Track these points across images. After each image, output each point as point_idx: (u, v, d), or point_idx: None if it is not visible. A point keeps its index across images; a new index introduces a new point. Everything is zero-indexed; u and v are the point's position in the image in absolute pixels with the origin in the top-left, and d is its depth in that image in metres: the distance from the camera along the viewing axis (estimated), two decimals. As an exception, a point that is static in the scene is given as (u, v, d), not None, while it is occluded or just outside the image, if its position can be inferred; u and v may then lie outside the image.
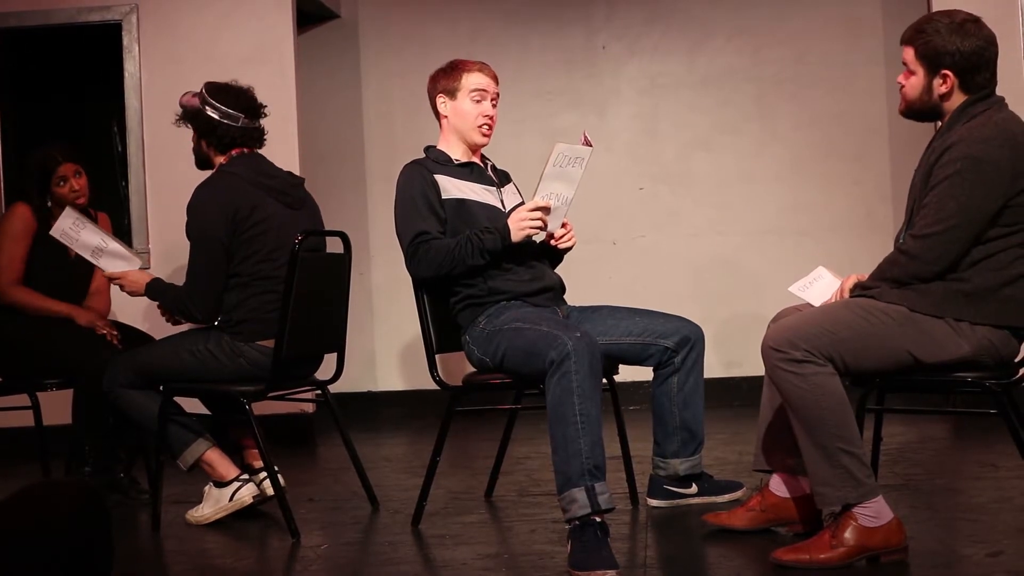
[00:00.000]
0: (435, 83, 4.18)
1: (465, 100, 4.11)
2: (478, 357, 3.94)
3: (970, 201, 3.22)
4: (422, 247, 3.95)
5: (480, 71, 4.13)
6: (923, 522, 3.73)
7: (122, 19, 6.23)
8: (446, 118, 4.16)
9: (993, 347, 3.29)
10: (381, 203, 7.08)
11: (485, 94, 4.11)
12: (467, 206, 4.05)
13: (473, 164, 4.18)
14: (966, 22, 3.34)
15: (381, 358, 7.17)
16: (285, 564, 3.80)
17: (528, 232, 3.88)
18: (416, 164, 4.13)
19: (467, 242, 3.91)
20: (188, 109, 4.34)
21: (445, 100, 4.14)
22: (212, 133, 4.29)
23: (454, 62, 4.19)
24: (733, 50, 7.03)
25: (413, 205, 4.02)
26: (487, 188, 4.15)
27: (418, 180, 4.06)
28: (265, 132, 4.42)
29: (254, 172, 4.26)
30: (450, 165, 4.13)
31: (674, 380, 4.08)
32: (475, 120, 4.11)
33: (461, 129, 4.14)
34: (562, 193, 3.90)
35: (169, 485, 4.51)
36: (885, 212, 6.85)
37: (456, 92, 4.11)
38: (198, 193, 4.23)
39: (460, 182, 4.09)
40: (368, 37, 7.20)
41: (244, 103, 4.33)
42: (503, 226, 3.89)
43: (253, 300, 4.20)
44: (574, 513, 3.39)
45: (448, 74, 4.14)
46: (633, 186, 7.01)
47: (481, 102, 4.11)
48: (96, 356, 4.57)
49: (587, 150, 3.87)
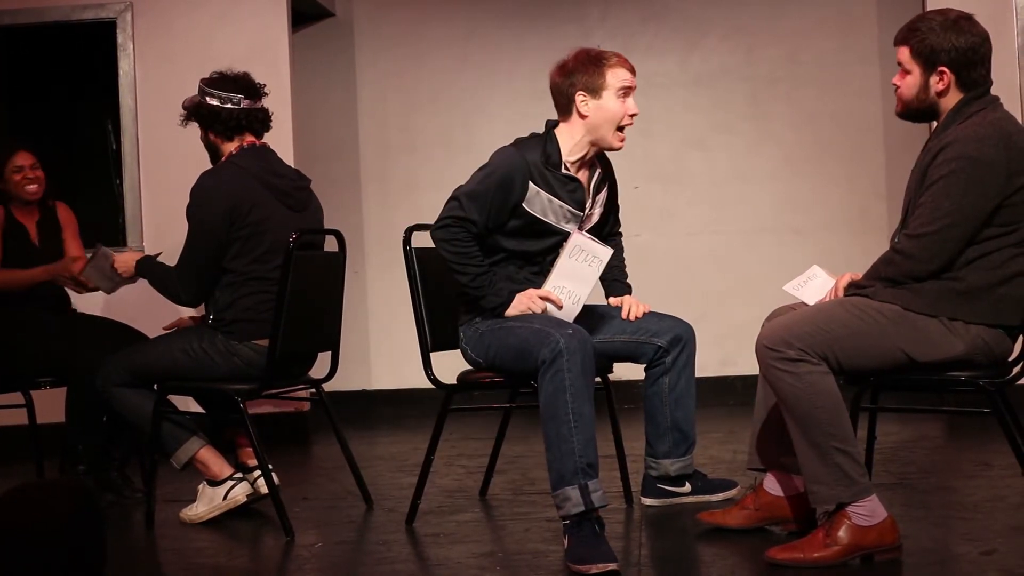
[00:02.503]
0: (571, 77, 3.85)
1: (611, 98, 3.82)
2: (471, 356, 3.94)
3: (965, 200, 3.22)
4: (454, 229, 3.78)
5: (622, 65, 3.85)
6: (917, 521, 3.73)
7: (117, 17, 6.22)
8: (586, 117, 3.84)
9: (987, 346, 3.30)
10: (375, 202, 7.09)
11: (630, 91, 3.85)
12: (539, 227, 3.86)
13: (578, 183, 3.92)
14: (959, 19, 3.35)
15: (376, 357, 7.17)
16: (279, 563, 3.79)
17: (524, 312, 3.78)
18: (522, 156, 3.85)
19: (479, 276, 3.79)
20: (189, 106, 4.34)
21: (586, 98, 3.82)
22: (216, 120, 4.27)
23: (590, 53, 3.86)
24: (727, 49, 7.03)
25: (486, 190, 3.80)
26: (574, 212, 3.90)
27: (514, 175, 3.81)
28: (270, 113, 4.40)
29: (261, 169, 4.24)
30: (556, 173, 3.87)
31: (665, 380, 4.07)
32: (620, 120, 3.84)
33: (601, 130, 3.85)
34: (575, 291, 3.80)
35: (163, 484, 4.51)
36: (879, 211, 6.85)
37: (601, 90, 3.82)
38: (202, 179, 4.22)
39: (551, 199, 3.85)
40: (363, 36, 7.19)
41: (241, 85, 4.32)
42: (510, 294, 3.80)
43: (246, 300, 4.19)
44: (568, 511, 3.39)
45: (589, 70, 3.82)
46: (627, 185, 6.98)
47: (627, 98, 3.84)
48: (89, 354, 4.56)
49: (606, 252, 3.80)
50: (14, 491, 2.02)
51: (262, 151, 4.32)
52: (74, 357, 4.62)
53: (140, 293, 5.70)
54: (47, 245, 4.97)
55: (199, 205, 4.19)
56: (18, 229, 4.92)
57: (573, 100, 3.84)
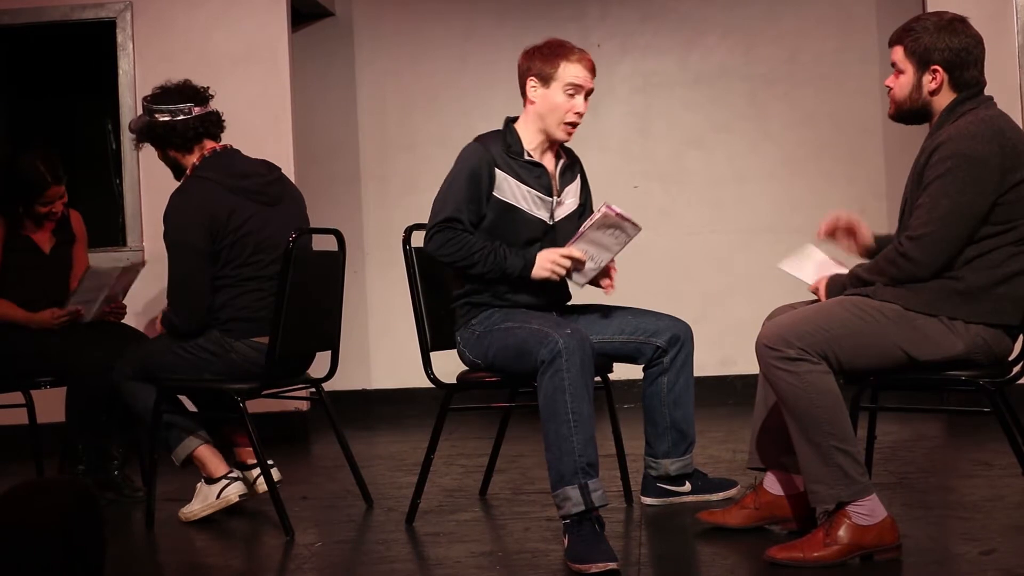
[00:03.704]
0: (529, 62, 3.91)
1: (558, 92, 3.86)
2: (469, 359, 3.94)
3: (962, 198, 3.23)
4: (447, 232, 3.82)
5: (580, 62, 3.88)
6: (916, 520, 3.73)
7: (116, 16, 6.22)
8: (533, 103, 3.92)
9: (987, 345, 3.30)
10: (375, 201, 7.08)
11: (580, 89, 3.88)
12: (514, 215, 3.91)
13: (543, 170, 3.98)
14: (954, 20, 3.38)
15: (375, 356, 7.17)
16: (279, 562, 3.80)
17: (550, 276, 3.81)
18: (484, 148, 3.92)
19: (492, 254, 3.81)
20: (138, 128, 4.31)
21: (536, 85, 3.89)
22: (172, 135, 4.23)
23: (554, 44, 3.92)
24: (726, 49, 7.03)
25: (459, 188, 3.86)
26: (543, 198, 3.96)
27: (480, 167, 3.87)
28: (222, 115, 4.35)
29: (227, 175, 4.19)
30: (519, 159, 3.93)
31: (664, 380, 4.06)
32: (563, 116, 3.88)
33: (547, 121, 3.91)
34: (596, 256, 3.82)
35: (163, 483, 4.51)
36: (879, 210, 6.84)
37: (550, 80, 3.86)
38: (172, 201, 4.19)
39: (519, 185, 3.91)
40: (362, 35, 7.19)
41: (188, 94, 4.28)
42: (532, 257, 3.82)
43: (241, 299, 4.18)
44: (568, 510, 3.40)
45: (546, 58, 3.88)
46: (627, 184, 7.01)
47: (575, 97, 3.88)
48: (90, 354, 4.56)
49: (635, 229, 3.79)
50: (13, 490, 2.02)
51: (223, 155, 4.28)
52: (74, 357, 4.62)
53: (140, 294, 5.71)
54: (58, 253, 4.94)
55: (176, 228, 4.16)
56: (24, 242, 4.89)
57: (525, 84, 3.92)
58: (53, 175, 4.80)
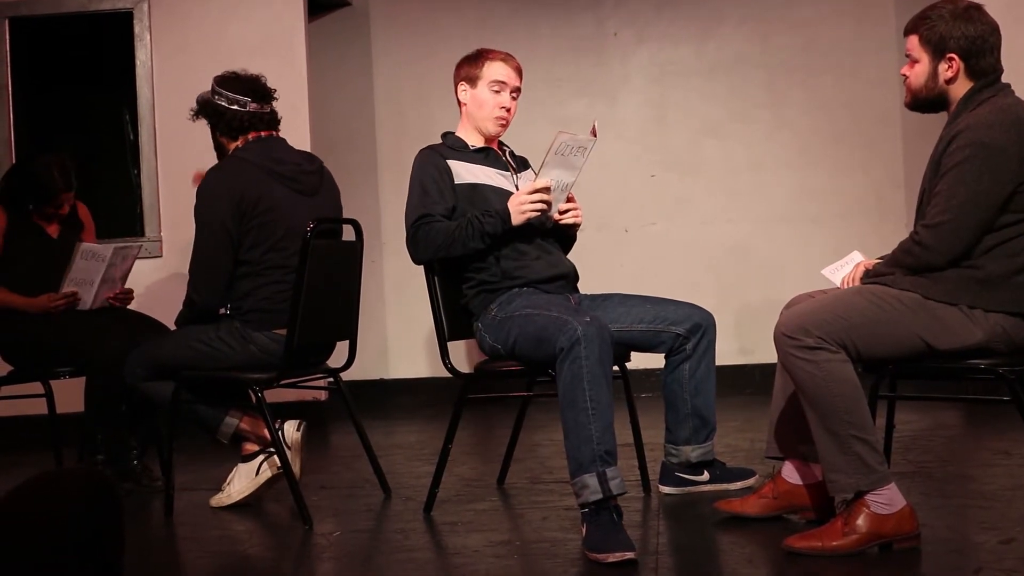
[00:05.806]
0: (459, 69, 4.18)
1: (484, 89, 4.12)
2: (490, 344, 3.94)
3: (980, 187, 3.22)
4: (422, 228, 3.97)
5: (503, 62, 4.14)
6: (935, 509, 3.73)
7: (133, 7, 6.24)
8: (465, 105, 4.18)
9: (1006, 334, 3.29)
10: (392, 191, 7.09)
11: (504, 86, 4.12)
12: (480, 190, 4.06)
13: (489, 150, 4.20)
14: (969, 8, 3.37)
15: (393, 346, 7.18)
16: (298, 551, 3.81)
17: (529, 215, 3.89)
18: (430, 149, 4.15)
19: (468, 224, 3.92)
20: (199, 101, 4.38)
21: (466, 88, 4.16)
22: (221, 120, 4.32)
23: (480, 50, 4.20)
24: (742, 37, 7.02)
25: (422, 189, 4.04)
26: (502, 173, 4.16)
27: (430, 165, 4.07)
28: (278, 116, 4.43)
29: (265, 158, 4.25)
30: (465, 151, 4.14)
31: (685, 367, 4.07)
32: (491, 111, 4.12)
33: (477, 118, 4.15)
34: (562, 179, 3.91)
35: (182, 473, 4.53)
36: (896, 199, 6.83)
37: (477, 80, 4.12)
38: (207, 177, 4.26)
39: (474, 167, 4.10)
40: (378, 25, 7.20)
41: (250, 88, 4.34)
42: (503, 209, 3.91)
43: (264, 290, 4.20)
44: (586, 498, 3.40)
45: (472, 62, 4.16)
46: (644, 174, 7.00)
47: (499, 93, 4.12)
48: (110, 344, 4.58)
49: (590, 140, 3.87)
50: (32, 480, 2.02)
51: (267, 140, 4.34)
52: (94, 347, 4.64)
53: (159, 286, 5.73)
54: (67, 237, 4.98)
55: (206, 204, 4.21)
56: (32, 227, 4.93)
57: (457, 91, 4.19)
58: (65, 182, 4.92)
